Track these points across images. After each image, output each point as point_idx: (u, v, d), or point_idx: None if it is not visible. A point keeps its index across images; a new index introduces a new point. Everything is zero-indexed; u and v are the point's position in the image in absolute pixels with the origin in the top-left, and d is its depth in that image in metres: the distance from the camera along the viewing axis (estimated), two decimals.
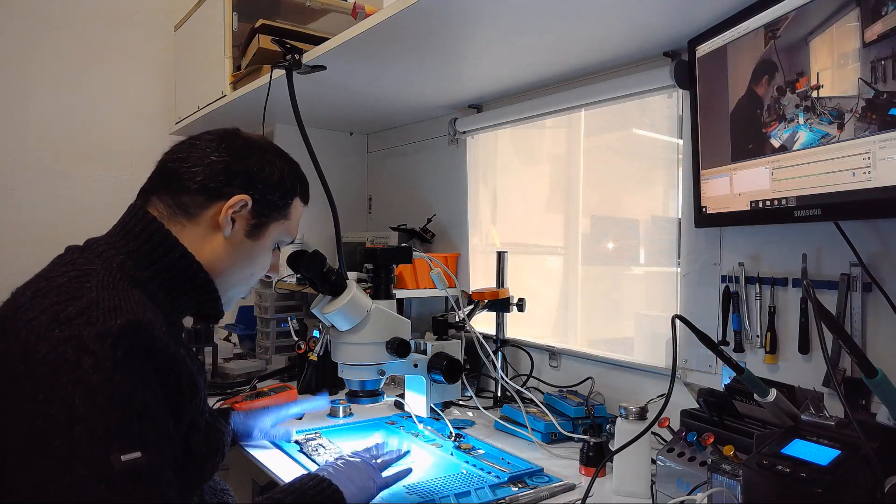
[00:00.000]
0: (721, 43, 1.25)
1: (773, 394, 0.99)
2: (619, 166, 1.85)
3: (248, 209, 0.96)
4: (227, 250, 0.97)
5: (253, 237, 0.99)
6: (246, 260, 1.00)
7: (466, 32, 1.39)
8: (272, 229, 1.01)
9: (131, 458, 0.71)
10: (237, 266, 0.99)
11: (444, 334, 1.55)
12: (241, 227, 0.97)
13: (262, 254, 1.02)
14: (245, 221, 0.97)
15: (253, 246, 0.99)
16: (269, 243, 1.02)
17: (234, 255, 0.98)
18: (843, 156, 1.00)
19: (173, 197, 0.95)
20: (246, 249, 0.99)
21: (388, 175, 2.59)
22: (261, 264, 1.03)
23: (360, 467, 1.07)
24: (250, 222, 0.98)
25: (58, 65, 2.57)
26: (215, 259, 0.96)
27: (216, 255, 0.96)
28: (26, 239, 2.44)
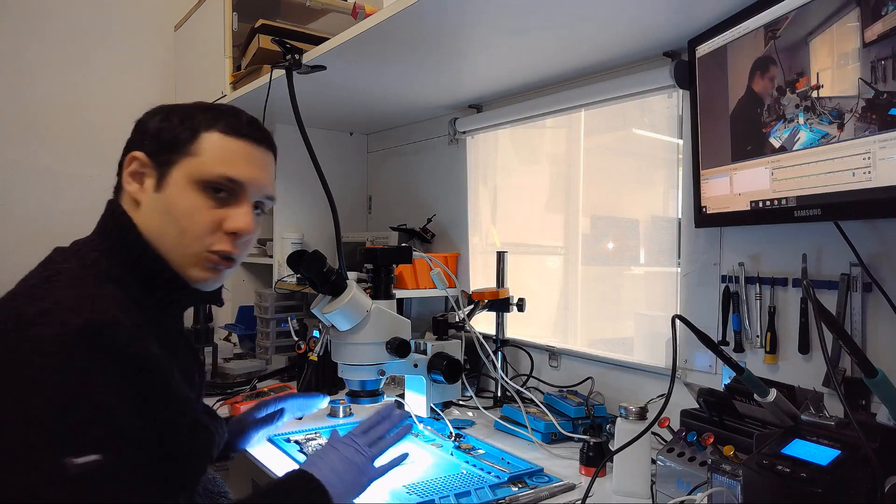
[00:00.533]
0: (721, 43, 1.25)
1: (773, 394, 0.99)
2: (619, 166, 1.85)
3: (148, 165, 0.91)
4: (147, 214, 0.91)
5: (160, 189, 0.90)
6: (165, 215, 0.90)
7: (466, 32, 1.39)
8: (176, 171, 0.90)
9: (87, 460, 0.69)
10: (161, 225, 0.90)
11: (444, 334, 1.55)
12: (149, 185, 0.91)
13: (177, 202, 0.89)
14: (152, 178, 0.91)
15: (164, 197, 0.90)
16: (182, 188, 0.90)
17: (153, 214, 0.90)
18: (843, 156, 1.00)
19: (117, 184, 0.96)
20: (160, 204, 0.90)
21: (388, 175, 2.59)
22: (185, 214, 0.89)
23: (351, 461, 0.99)
24: (155, 176, 0.91)
25: (57, 64, 2.56)
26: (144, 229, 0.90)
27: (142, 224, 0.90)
28: (25, 239, 2.44)
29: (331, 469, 0.96)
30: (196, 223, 0.90)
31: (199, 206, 0.90)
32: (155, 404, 0.78)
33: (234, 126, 0.94)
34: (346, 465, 0.98)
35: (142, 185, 0.92)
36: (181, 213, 0.90)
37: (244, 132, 0.94)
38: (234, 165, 0.92)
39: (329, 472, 0.95)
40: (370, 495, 1.16)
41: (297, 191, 2.38)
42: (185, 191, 0.90)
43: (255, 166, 0.95)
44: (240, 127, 0.95)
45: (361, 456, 1.01)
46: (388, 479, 1.23)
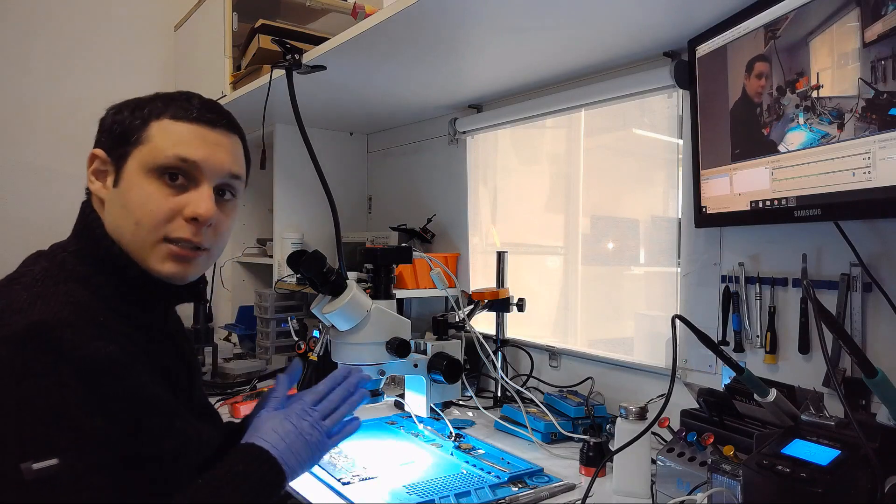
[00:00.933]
0: (721, 43, 1.25)
1: (773, 394, 0.99)
2: (619, 166, 1.85)
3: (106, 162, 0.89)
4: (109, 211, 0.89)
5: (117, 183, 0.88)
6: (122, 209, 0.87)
7: (466, 32, 1.39)
8: (129, 163, 0.87)
9: (45, 465, 0.66)
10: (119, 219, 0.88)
11: (444, 334, 1.55)
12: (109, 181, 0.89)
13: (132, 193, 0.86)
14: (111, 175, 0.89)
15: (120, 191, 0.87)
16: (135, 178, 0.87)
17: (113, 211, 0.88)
18: (843, 156, 1.00)
19: None
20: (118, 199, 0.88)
21: (388, 175, 2.59)
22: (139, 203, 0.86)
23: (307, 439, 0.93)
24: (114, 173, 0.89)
25: (57, 64, 2.56)
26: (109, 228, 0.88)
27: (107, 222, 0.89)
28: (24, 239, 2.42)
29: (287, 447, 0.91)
30: (151, 212, 0.86)
31: (154, 194, 0.86)
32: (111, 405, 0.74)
33: (184, 110, 0.90)
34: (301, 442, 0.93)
35: (104, 182, 0.90)
36: (136, 204, 0.86)
37: (195, 116, 0.89)
38: (185, 147, 0.87)
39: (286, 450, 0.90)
40: (370, 495, 1.17)
41: (297, 191, 2.38)
42: (139, 180, 0.86)
43: (209, 146, 0.89)
44: (190, 110, 0.90)
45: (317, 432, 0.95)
46: (389, 479, 1.24)
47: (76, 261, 0.85)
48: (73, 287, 0.80)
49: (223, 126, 0.92)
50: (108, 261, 0.87)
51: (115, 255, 0.87)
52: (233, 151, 0.93)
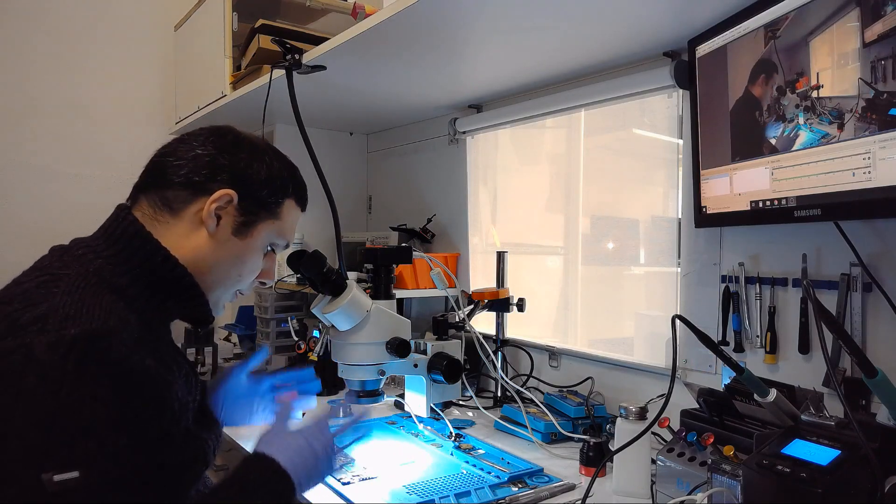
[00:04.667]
0: (721, 43, 1.25)
1: (773, 394, 0.99)
2: (619, 166, 1.85)
3: (233, 205, 0.92)
4: (212, 248, 0.92)
5: (240, 235, 0.94)
6: (233, 259, 0.95)
7: (466, 32, 1.39)
8: (261, 228, 0.96)
9: (66, 477, 0.66)
10: (223, 265, 0.94)
11: (444, 334, 1.55)
12: (227, 225, 0.93)
13: (250, 254, 0.96)
14: (232, 219, 0.93)
15: (240, 245, 0.94)
16: (259, 244, 0.97)
17: (220, 253, 0.93)
18: (843, 156, 1.00)
19: (158, 192, 0.92)
20: (232, 248, 0.94)
21: (388, 175, 2.59)
22: (250, 266, 0.98)
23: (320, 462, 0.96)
24: (237, 220, 0.93)
25: (57, 64, 2.56)
26: (199, 257, 0.91)
27: (200, 252, 0.91)
28: (24, 239, 2.44)
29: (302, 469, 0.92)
30: (253, 273, 1.00)
31: (259, 260, 0.99)
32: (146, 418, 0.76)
33: (304, 199, 1.04)
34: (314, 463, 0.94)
35: (218, 221, 0.92)
36: (248, 265, 0.98)
37: (305, 205, 1.05)
38: (294, 231, 1.03)
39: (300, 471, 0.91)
40: (370, 495, 1.17)
41: None
42: (260, 247, 0.98)
43: None
44: (304, 201, 1.05)
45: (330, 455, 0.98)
46: (389, 480, 1.24)
47: (112, 269, 0.85)
48: (111, 297, 0.81)
49: None
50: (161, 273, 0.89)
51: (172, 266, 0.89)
52: None
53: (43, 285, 0.79)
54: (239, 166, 0.93)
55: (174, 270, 0.89)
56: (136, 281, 0.86)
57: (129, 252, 0.87)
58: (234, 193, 0.91)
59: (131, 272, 0.86)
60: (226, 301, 1.00)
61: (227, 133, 0.97)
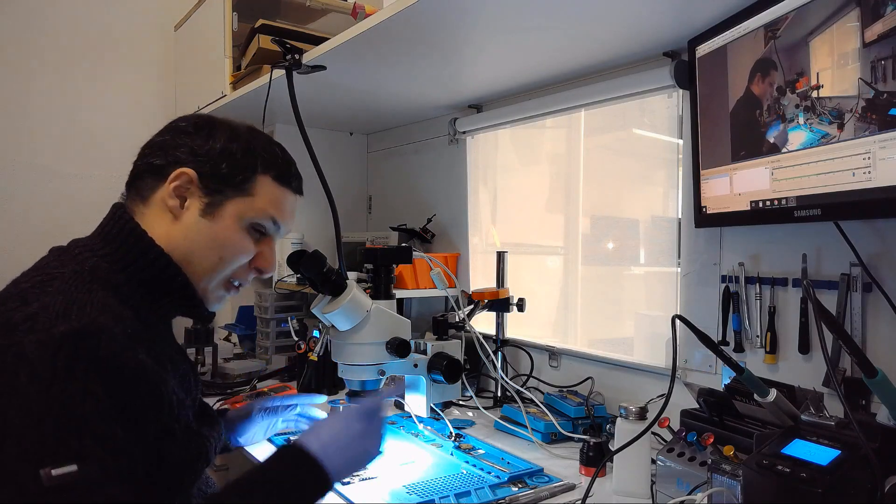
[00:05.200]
0: (721, 43, 1.25)
1: (773, 394, 0.99)
2: (619, 166, 1.85)
3: (195, 185, 0.90)
4: (182, 233, 0.91)
5: (208, 216, 0.91)
6: (207, 242, 0.92)
7: (466, 32, 1.39)
8: (230, 206, 0.92)
9: (64, 472, 0.67)
10: (199, 250, 0.92)
11: (444, 334, 1.55)
12: (194, 207, 0.91)
13: (224, 234, 0.93)
14: (198, 200, 0.91)
15: (211, 226, 0.92)
16: (232, 223, 0.93)
17: (192, 236, 0.91)
18: (843, 156, 1.00)
19: (134, 185, 0.93)
20: (204, 230, 0.91)
21: (388, 175, 2.59)
22: (230, 249, 0.94)
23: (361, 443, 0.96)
24: (203, 200, 0.91)
25: (57, 65, 2.56)
26: (173, 245, 0.90)
27: (172, 239, 0.90)
28: (25, 239, 2.44)
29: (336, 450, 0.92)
30: (237, 258, 0.95)
31: (242, 241, 0.95)
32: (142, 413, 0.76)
33: (286, 175, 0.99)
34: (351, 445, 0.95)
35: (183, 203, 0.91)
36: (227, 246, 0.94)
37: (291, 183, 1.00)
38: (280, 211, 0.98)
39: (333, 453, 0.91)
40: (370, 495, 1.17)
41: None
42: (233, 225, 0.93)
43: (291, 212, 1.01)
44: (290, 179, 1.00)
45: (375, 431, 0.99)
46: (389, 479, 1.24)
47: (108, 266, 0.86)
48: (105, 295, 0.81)
49: (301, 193, 1.04)
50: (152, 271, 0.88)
51: (165, 263, 0.89)
52: None
53: (38, 285, 0.80)
54: (196, 144, 0.92)
55: (166, 269, 0.89)
56: (130, 278, 0.87)
57: (123, 250, 0.88)
58: (192, 171, 0.90)
59: (126, 269, 0.87)
60: (219, 293, 0.97)
61: (193, 118, 0.96)
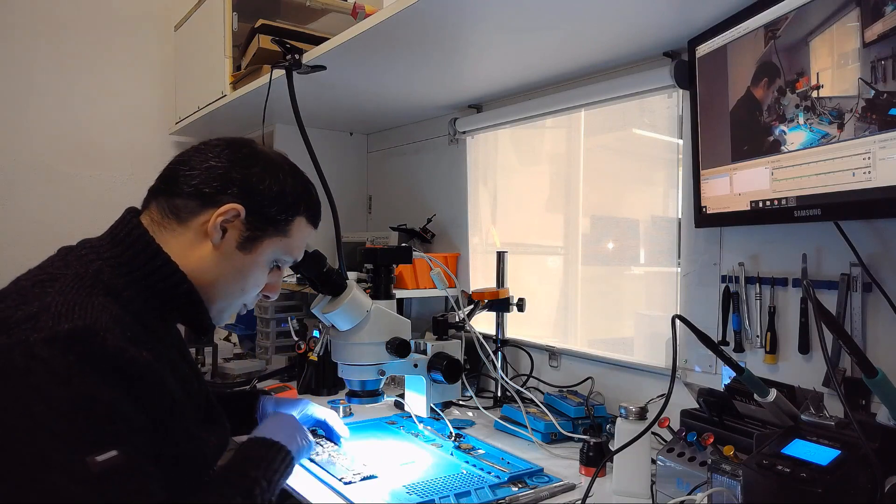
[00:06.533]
0: (721, 43, 1.25)
1: (773, 394, 0.99)
2: (619, 166, 1.85)
3: (240, 220, 0.92)
4: (215, 260, 0.93)
5: (245, 250, 0.94)
6: (236, 273, 0.95)
7: (466, 32, 1.39)
8: (267, 245, 0.96)
9: (108, 457, 0.69)
10: (226, 278, 0.95)
11: (444, 334, 1.55)
12: (232, 238, 0.93)
13: (254, 269, 0.97)
14: (238, 233, 0.93)
15: (244, 259, 0.95)
16: (263, 259, 0.97)
17: (224, 266, 0.94)
18: (843, 156, 1.00)
19: (168, 200, 0.93)
20: (236, 262, 0.94)
21: (388, 175, 2.59)
22: (253, 280, 0.98)
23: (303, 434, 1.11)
24: (243, 234, 0.94)
25: (57, 65, 2.57)
26: (203, 268, 0.92)
27: (204, 263, 0.92)
28: (25, 239, 2.44)
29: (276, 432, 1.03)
30: (256, 288, 1.00)
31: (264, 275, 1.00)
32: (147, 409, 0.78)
33: (316, 218, 1.06)
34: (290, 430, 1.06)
35: (223, 234, 0.93)
36: (253, 280, 0.98)
37: (317, 223, 1.06)
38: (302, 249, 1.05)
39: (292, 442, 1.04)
40: (370, 495, 1.17)
41: None
42: (265, 262, 0.98)
43: None
44: (318, 219, 1.06)
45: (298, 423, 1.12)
46: (389, 479, 1.24)
47: (111, 271, 0.86)
48: (104, 300, 0.81)
49: None
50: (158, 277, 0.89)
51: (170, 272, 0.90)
52: None
53: (39, 284, 0.80)
54: (251, 181, 0.93)
55: (172, 277, 0.90)
56: (133, 283, 0.87)
57: (130, 255, 0.88)
58: (242, 208, 0.92)
59: (130, 275, 0.87)
60: (231, 313, 1.02)
61: (244, 146, 0.97)
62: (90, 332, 0.74)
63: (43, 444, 0.67)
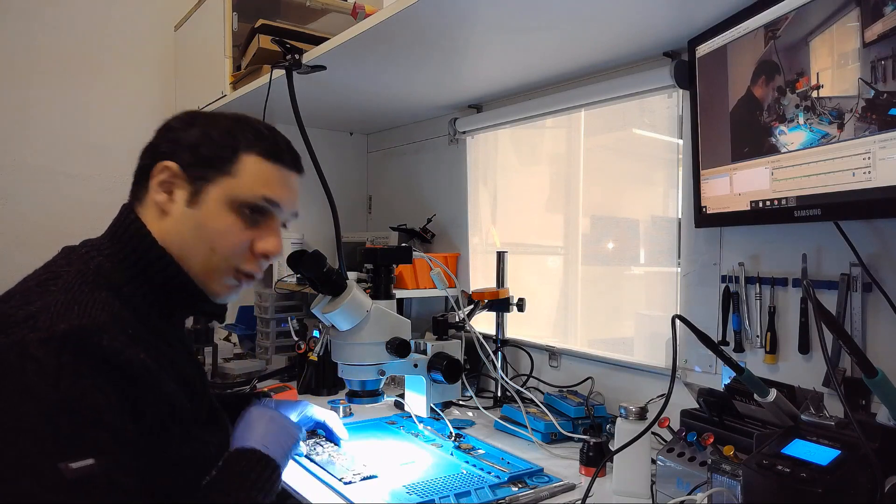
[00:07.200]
0: (721, 43, 1.25)
1: (773, 394, 0.99)
2: (619, 166, 1.85)
3: (179, 176, 0.89)
4: (173, 226, 0.90)
5: (194, 205, 0.89)
6: (195, 231, 0.90)
7: (466, 33, 1.39)
8: (212, 190, 0.90)
9: (83, 465, 0.67)
10: (189, 242, 0.90)
11: (444, 334, 1.55)
12: (181, 199, 0.90)
13: (210, 221, 0.90)
14: (184, 191, 0.90)
15: (196, 214, 0.89)
16: (217, 207, 0.90)
17: (181, 228, 0.90)
18: (843, 156, 1.00)
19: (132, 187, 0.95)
20: (190, 220, 0.90)
21: (388, 175, 2.59)
22: (216, 234, 0.90)
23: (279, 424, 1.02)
24: (188, 189, 0.90)
25: (57, 65, 2.56)
26: (167, 240, 0.89)
27: (165, 235, 0.90)
28: (25, 239, 2.44)
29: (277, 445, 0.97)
30: (229, 243, 0.91)
31: (234, 227, 0.91)
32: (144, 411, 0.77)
33: (273, 151, 0.95)
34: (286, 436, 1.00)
35: (171, 196, 0.90)
36: (215, 233, 0.90)
37: (282, 158, 0.96)
38: (272, 188, 0.93)
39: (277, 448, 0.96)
40: (370, 495, 1.17)
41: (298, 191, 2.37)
42: (220, 210, 0.90)
43: (290, 191, 0.97)
44: (280, 153, 0.96)
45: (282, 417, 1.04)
46: (389, 479, 1.24)
47: (112, 266, 0.86)
48: (106, 295, 0.81)
49: (299, 170, 1.00)
50: (153, 270, 0.88)
51: (164, 265, 0.89)
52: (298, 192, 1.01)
53: (42, 283, 0.81)
54: (176, 136, 0.92)
55: (167, 269, 0.89)
56: (133, 278, 0.87)
57: (128, 250, 0.89)
58: (174, 164, 0.90)
59: (129, 269, 0.88)
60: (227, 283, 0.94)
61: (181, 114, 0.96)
62: (86, 332, 0.73)
63: (22, 445, 0.67)
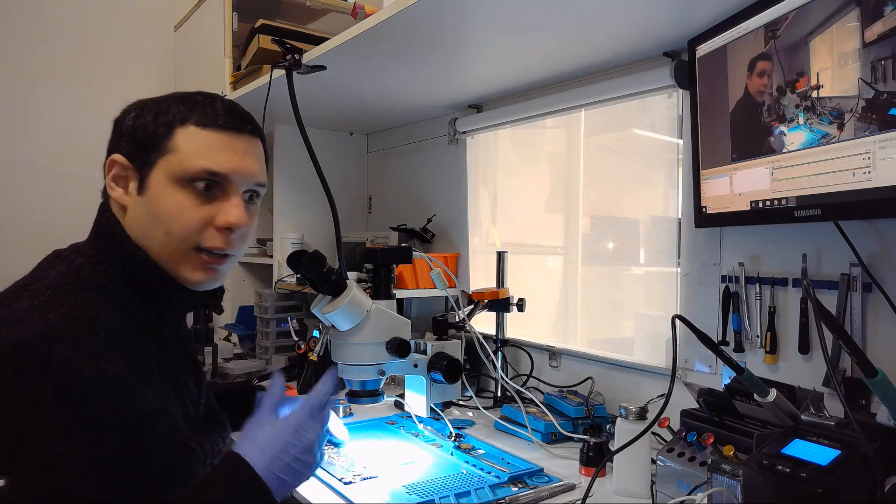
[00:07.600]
0: (721, 43, 1.25)
1: (773, 394, 0.99)
2: (619, 166, 1.85)
3: (126, 167, 0.87)
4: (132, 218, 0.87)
5: (143, 191, 0.86)
6: (149, 217, 0.86)
7: (466, 33, 1.39)
8: (156, 172, 0.86)
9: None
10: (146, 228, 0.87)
11: (444, 334, 1.55)
12: (133, 189, 0.87)
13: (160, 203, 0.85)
14: (135, 182, 0.87)
15: (147, 200, 0.86)
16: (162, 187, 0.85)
17: (137, 218, 0.87)
18: (843, 156, 1.00)
19: None
20: (143, 207, 0.86)
21: (388, 175, 2.59)
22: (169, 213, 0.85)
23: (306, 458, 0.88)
24: (137, 178, 0.87)
25: (57, 64, 2.56)
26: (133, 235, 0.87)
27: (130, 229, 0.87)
28: (25, 239, 2.44)
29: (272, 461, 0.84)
30: (182, 223, 0.85)
31: (184, 203, 0.85)
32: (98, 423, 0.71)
33: (209, 116, 0.88)
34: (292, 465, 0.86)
35: (126, 189, 0.88)
36: (166, 214, 0.85)
37: (221, 122, 0.88)
38: (214, 158, 0.86)
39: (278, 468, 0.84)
40: (370, 495, 1.17)
41: (297, 191, 2.38)
42: (167, 190, 0.85)
43: (237, 155, 0.88)
44: (216, 117, 0.88)
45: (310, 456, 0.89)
46: (389, 479, 1.24)
47: (93, 266, 0.85)
48: (85, 297, 0.79)
49: (248, 131, 0.91)
50: (131, 267, 0.86)
51: (139, 261, 0.86)
52: (258, 157, 0.94)
53: (17, 290, 0.79)
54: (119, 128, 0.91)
55: (143, 264, 0.87)
56: (115, 278, 0.85)
57: (107, 249, 0.87)
58: (119, 156, 0.88)
59: (112, 268, 0.86)
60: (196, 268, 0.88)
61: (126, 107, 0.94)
62: (36, 343, 0.70)
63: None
